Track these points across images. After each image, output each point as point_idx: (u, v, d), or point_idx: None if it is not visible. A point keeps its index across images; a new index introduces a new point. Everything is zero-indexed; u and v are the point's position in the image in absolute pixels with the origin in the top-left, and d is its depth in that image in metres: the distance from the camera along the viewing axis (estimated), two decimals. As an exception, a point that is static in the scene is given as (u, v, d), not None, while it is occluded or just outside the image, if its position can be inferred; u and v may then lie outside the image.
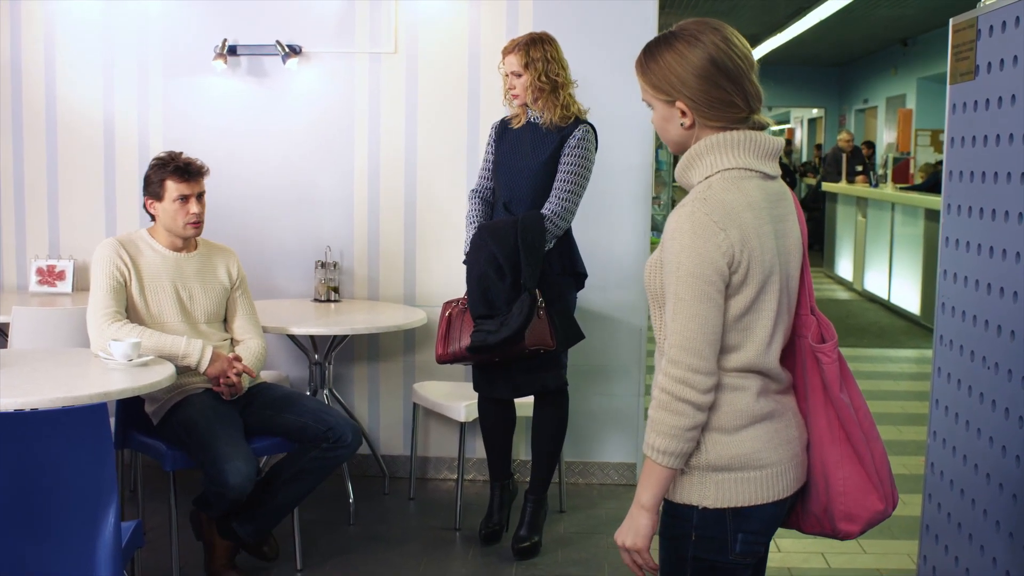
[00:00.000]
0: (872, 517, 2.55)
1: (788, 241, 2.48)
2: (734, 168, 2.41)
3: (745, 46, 2.44)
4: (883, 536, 5.20)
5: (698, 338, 2.34)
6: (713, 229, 2.33)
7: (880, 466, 2.56)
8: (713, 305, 2.34)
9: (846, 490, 2.53)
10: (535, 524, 4.90)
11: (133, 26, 5.86)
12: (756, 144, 2.44)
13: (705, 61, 2.39)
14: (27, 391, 3.70)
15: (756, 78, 2.45)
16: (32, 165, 5.96)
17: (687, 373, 2.35)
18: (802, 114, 27.15)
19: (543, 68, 4.68)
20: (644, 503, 2.42)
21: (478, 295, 4.70)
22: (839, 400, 2.52)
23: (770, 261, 2.40)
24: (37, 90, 5.93)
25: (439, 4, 5.72)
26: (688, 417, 2.35)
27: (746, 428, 2.44)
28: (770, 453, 2.46)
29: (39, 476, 3.18)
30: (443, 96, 5.75)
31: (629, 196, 5.67)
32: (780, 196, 2.49)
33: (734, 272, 2.35)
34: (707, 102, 2.41)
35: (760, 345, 2.43)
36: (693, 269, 2.33)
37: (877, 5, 14.16)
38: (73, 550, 3.17)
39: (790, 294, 2.50)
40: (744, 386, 2.44)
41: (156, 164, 4.51)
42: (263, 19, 5.77)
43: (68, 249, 5.94)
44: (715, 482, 2.43)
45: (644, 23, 5.62)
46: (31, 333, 4.81)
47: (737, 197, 2.38)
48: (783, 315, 2.47)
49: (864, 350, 10.07)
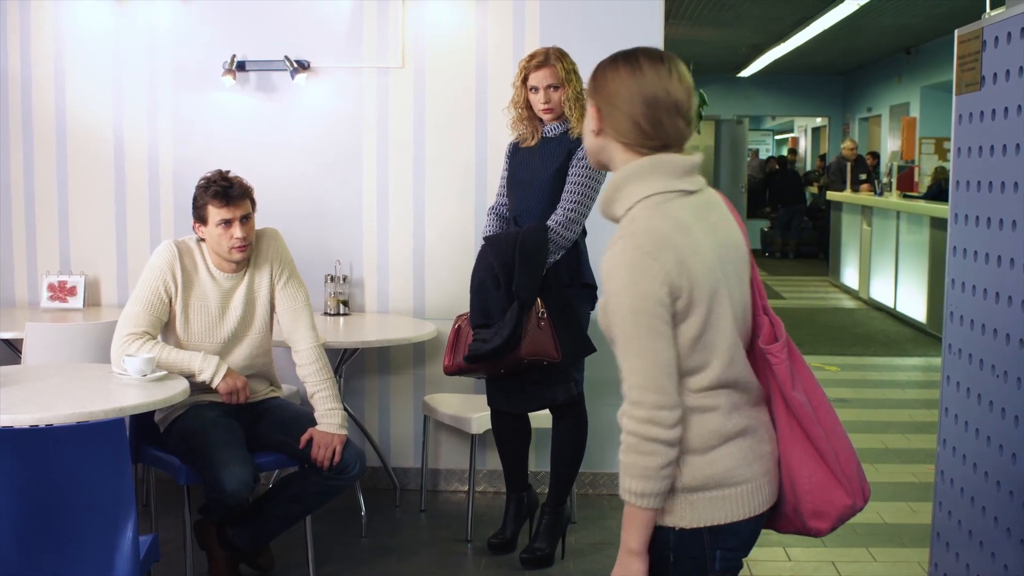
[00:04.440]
0: (841, 513, 2.55)
1: (729, 249, 2.49)
2: (653, 194, 2.43)
3: (684, 90, 2.47)
4: (893, 544, 5.22)
5: (655, 374, 2.34)
6: (647, 262, 2.33)
7: (844, 462, 2.54)
8: (663, 338, 2.34)
9: (812, 488, 2.52)
10: (549, 536, 4.92)
11: (143, 42, 5.90)
12: (669, 165, 2.45)
13: (634, 90, 2.45)
14: (42, 407, 3.73)
15: (683, 121, 2.47)
16: (42, 181, 5.99)
17: (651, 412, 2.34)
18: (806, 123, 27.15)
19: (576, 79, 4.69)
20: (633, 548, 2.41)
21: (477, 305, 4.73)
22: (793, 399, 2.51)
23: (714, 275, 2.41)
24: (47, 106, 5.96)
25: (446, 19, 5.76)
26: (660, 456, 2.34)
27: (719, 447, 2.44)
28: (744, 470, 2.46)
29: (57, 491, 3.21)
30: (451, 110, 5.79)
31: (636, 207, 5.69)
32: (709, 206, 2.51)
33: (677, 298, 2.35)
34: (620, 123, 2.46)
35: (725, 359, 2.43)
36: (635, 306, 2.33)
37: (881, 14, 14.19)
38: (92, 564, 3.20)
39: (743, 300, 2.51)
40: (713, 406, 2.43)
41: (200, 186, 4.42)
42: (271, 35, 5.81)
43: (79, 264, 5.98)
44: (691, 503, 2.43)
45: (649, 35, 5.64)
46: (44, 349, 4.84)
47: (663, 222, 2.39)
48: (740, 323, 2.49)
49: (871, 359, 10.09)
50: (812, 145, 26.60)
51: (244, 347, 4.52)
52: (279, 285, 4.54)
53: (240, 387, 4.39)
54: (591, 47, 5.54)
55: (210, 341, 4.45)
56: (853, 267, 14.33)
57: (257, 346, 4.56)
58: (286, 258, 4.58)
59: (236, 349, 4.50)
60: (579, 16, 5.67)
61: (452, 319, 5.05)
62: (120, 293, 5.95)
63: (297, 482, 4.46)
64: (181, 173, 5.87)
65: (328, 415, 4.42)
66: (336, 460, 4.34)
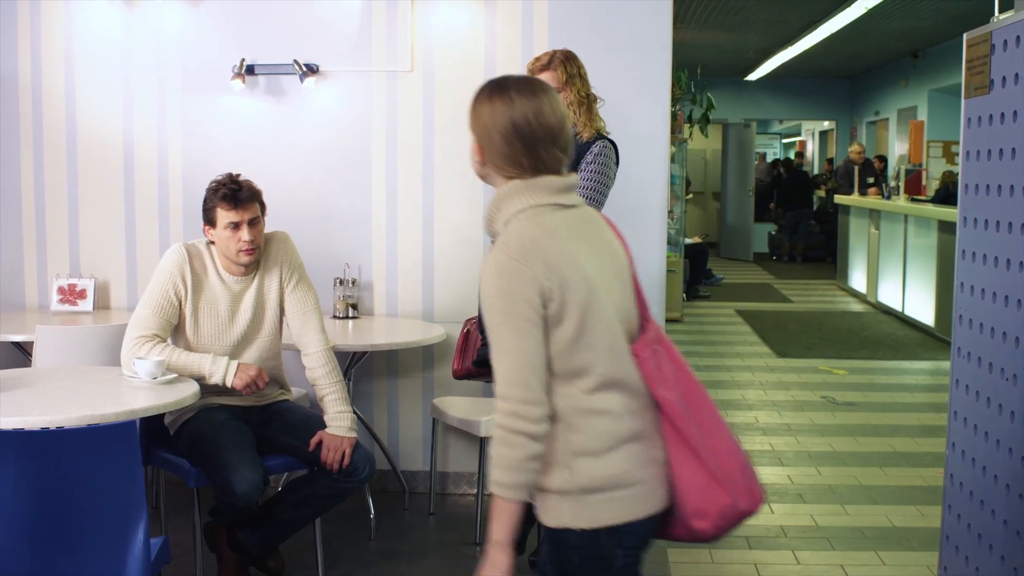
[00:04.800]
0: (722, 511, 2.58)
1: (607, 257, 2.63)
2: (528, 207, 2.56)
3: (557, 119, 2.60)
4: (902, 548, 5.22)
5: (522, 371, 2.46)
6: (517, 268, 2.46)
7: (724, 460, 2.60)
8: (530, 338, 2.46)
9: (691, 488, 2.58)
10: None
11: (152, 46, 5.92)
12: (544, 183, 2.58)
13: (508, 122, 2.57)
14: (53, 409, 3.75)
15: (559, 150, 2.61)
16: (52, 184, 6.01)
17: (517, 406, 2.45)
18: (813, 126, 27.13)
19: (580, 83, 4.70)
20: (498, 540, 2.51)
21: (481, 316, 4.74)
22: (661, 397, 2.59)
23: (589, 280, 2.52)
24: (57, 110, 5.98)
25: (455, 22, 5.77)
26: (524, 448, 2.45)
27: (614, 450, 2.53)
28: (639, 471, 2.55)
29: (68, 493, 3.22)
30: (460, 113, 5.74)
31: (645, 211, 5.70)
32: (585, 219, 2.65)
33: (549, 301, 2.47)
34: (498, 154, 2.60)
35: (608, 359, 2.54)
36: (504, 307, 2.47)
37: (888, 17, 14.18)
38: (104, 566, 3.21)
39: (626, 306, 2.64)
40: (606, 409, 2.53)
41: (210, 188, 4.43)
42: (280, 38, 5.83)
43: (89, 268, 5.99)
44: (588, 504, 2.52)
45: (658, 40, 5.66)
46: (54, 352, 4.85)
47: (536, 231, 2.52)
48: (620, 327, 2.59)
49: (878, 362, 10.09)
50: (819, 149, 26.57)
51: (254, 350, 4.53)
52: (289, 288, 4.55)
53: (254, 375, 4.38)
54: (600, 50, 5.59)
55: (220, 344, 4.46)
56: (861, 271, 14.32)
57: (266, 349, 4.57)
58: (295, 261, 4.59)
59: (246, 352, 4.51)
60: (588, 20, 5.68)
61: (461, 322, 5.06)
62: (129, 296, 5.97)
63: (306, 485, 4.47)
64: (190, 177, 5.88)
65: (337, 418, 4.43)
66: (345, 463, 4.35)
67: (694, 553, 5.13)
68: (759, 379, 9.28)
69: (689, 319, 12.57)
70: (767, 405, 8.30)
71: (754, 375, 9.46)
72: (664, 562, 5.02)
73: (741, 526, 2.67)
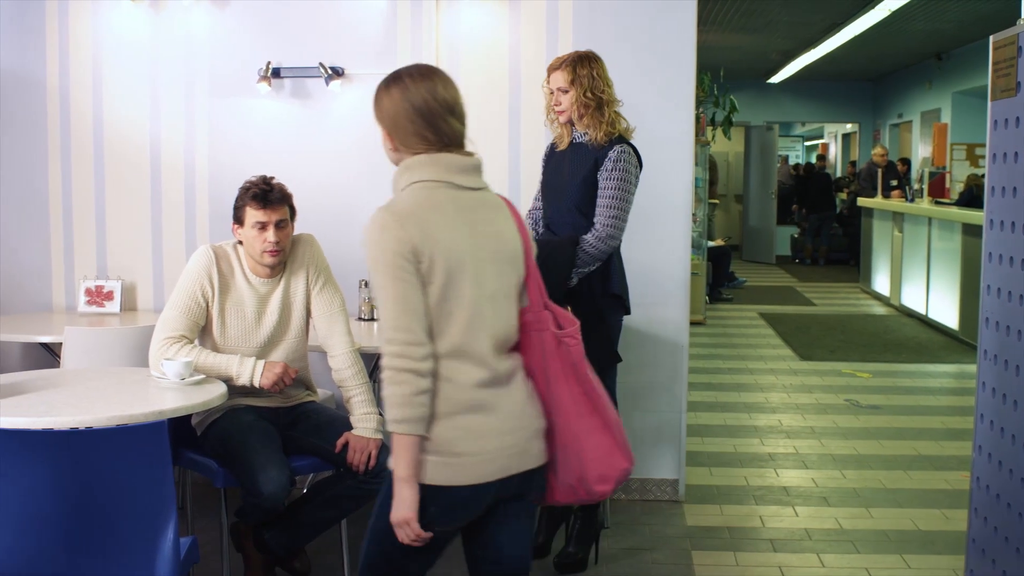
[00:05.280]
0: (620, 475, 2.96)
1: (491, 242, 2.86)
2: (424, 180, 2.84)
3: (449, 95, 2.89)
4: (927, 551, 5.21)
5: (403, 315, 2.73)
6: (393, 226, 2.74)
7: (619, 430, 2.98)
8: (408, 285, 2.74)
9: (600, 456, 2.91)
10: (581, 540, 4.93)
11: (179, 50, 5.96)
12: (444, 160, 2.86)
13: (407, 103, 2.86)
14: (83, 410, 3.78)
15: (457, 121, 2.91)
16: (80, 187, 6.05)
17: (401, 347, 2.72)
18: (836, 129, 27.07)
19: (588, 84, 4.71)
20: (400, 475, 2.78)
21: None
22: (586, 376, 2.93)
23: (461, 256, 2.78)
24: (85, 113, 6.03)
25: (479, 25, 5.79)
26: (411, 384, 2.72)
27: (455, 416, 2.79)
28: (472, 443, 2.80)
29: (98, 493, 3.24)
30: (484, 116, 5.81)
31: (669, 214, 5.71)
32: (479, 203, 2.90)
33: (420, 262, 2.74)
34: (405, 134, 2.88)
35: (462, 328, 2.78)
36: (381, 258, 2.74)
37: (912, 19, 14.14)
38: (133, 566, 3.23)
39: (500, 289, 2.87)
40: (455, 377, 2.79)
41: (242, 188, 4.47)
42: (306, 42, 5.86)
43: (116, 270, 6.03)
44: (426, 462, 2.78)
45: (683, 41, 5.67)
46: (83, 353, 4.89)
47: (422, 202, 2.81)
48: (487, 305, 2.83)
49: (902, 365, 10.06)
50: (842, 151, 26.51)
51: (280, 352, 4.55)
52: (315, 290, 4.57)
53: (280, 372, 4.39)
54: (625, 53, 5.61)
55: (246, 345, 4.48)
56: (884, 273, 14.27)
57: (293, 351, 4.59)
58: (322, 263, 4.61)
59: (272, 354, 4.53)
60: (612, 22, 5.69)
61: None
62: (156, 298, 6.01)
63: (333, 486, 4.49)
64: (216, 179, 5.92)
65: (364, 419, 4.45)
66: (371, 464, 4.36)
67: (718, 556, 5.14)
68: (782, 382, 9.27)
69: (712, 322, 12.55)
70: (791, 408, 8.29)
71: (777, 378, 9.45)
72: (688, 564, 5.02)
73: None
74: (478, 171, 2.93)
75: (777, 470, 6.59)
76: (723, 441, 7.24)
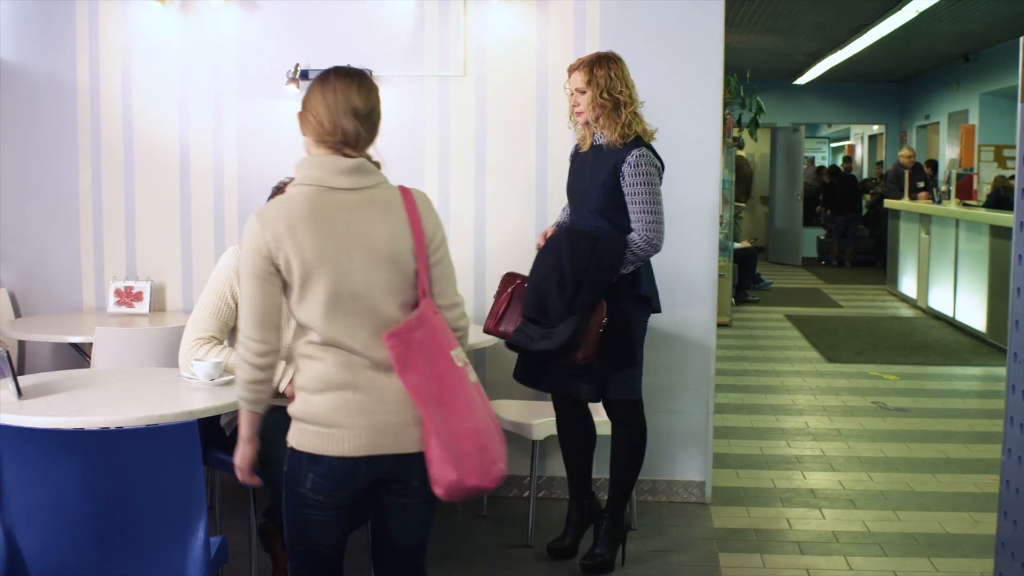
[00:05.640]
0: (450, 485, 3.05)
1: (357, 240, 3.05)
2: (301, 184, 3.08)
3: (361, 98, 3.11)
4: (955, 554, 5.20)
5: (249, 315, 3.07)
6: (256, 229, 3.04)
7: (464, 440, 3.05)
8: (257, 288, 3.05)
9: (432, 459, 3.05)
10: (607, 542, 4.93)
11: (208, 52, 5.99)
12: (327, 163, 3.09)
13: (320, 103, 3.10)
14: (114, 409, 3.81)
15: (360, 123, 3.11)
16: (110, 188, 6.09)
17: (244, 340, 3.09)
18: (862, 130, 26.97)
19: (605, 85, 4.71)
20: (242, 436, 3.20)
21: (534, 297, 4.74)
22: (406, 383, 3.04)
23: (318, 255, 3.01)
24: (115, 115, 6.07)
25: (507, 27, 5.80)
26: (247, 372, 3.11)
27: (323, 392, 3.07)
28: (340, 417, 3.06)
29: (129, 492, 3.27)
30: (512, 118, 5.83)
31: (696, 215, 5.70)
32: (361, 203, 3.09)
33: (277, 263, 3.02)
34: (306, 124, 3.15)
35: (322, 324, 3.03)
36: (244, 257, 3.06)
37: (939, 20, 14.08)
38: (164, 565, 3.26)
39: (363, 286, 3.05)
40: (321, 357, 3.07)
41: (275, 188, 4.52)
42: (334, 43, 5.88)
43: (145, 271, 6.07)
44: (299, 429, 3.12)
45: (710, 44, 5.67)
46: (113, 353, 4.92)
47: (294, 205, 3.04)
48: (349, 302, 3.04)
49: (929, 368, 10.02)
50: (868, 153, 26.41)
51: None
52: None
53: None
54: (652, 54, 5.61)
55: None
56: (911, 276, 14.21)
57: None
58: None
59: None
60: (640, 23, 5.69)
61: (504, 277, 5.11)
62: (185, 299, 6.04)
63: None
64: (245, 180, 5.96)
65: None
66: None
67: (745, 558, 5.14)
68: (809, 384, 9.25)
69: (738, 324, 12.53)
70: (817, 410, 8.27)
71: (804, 380, 9.42)
72: (715, 566, 5.02)
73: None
74: (360, 172, 3.11)
75: (804, 472, 6.58)
76: (750, 443, 7.23)
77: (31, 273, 6.17)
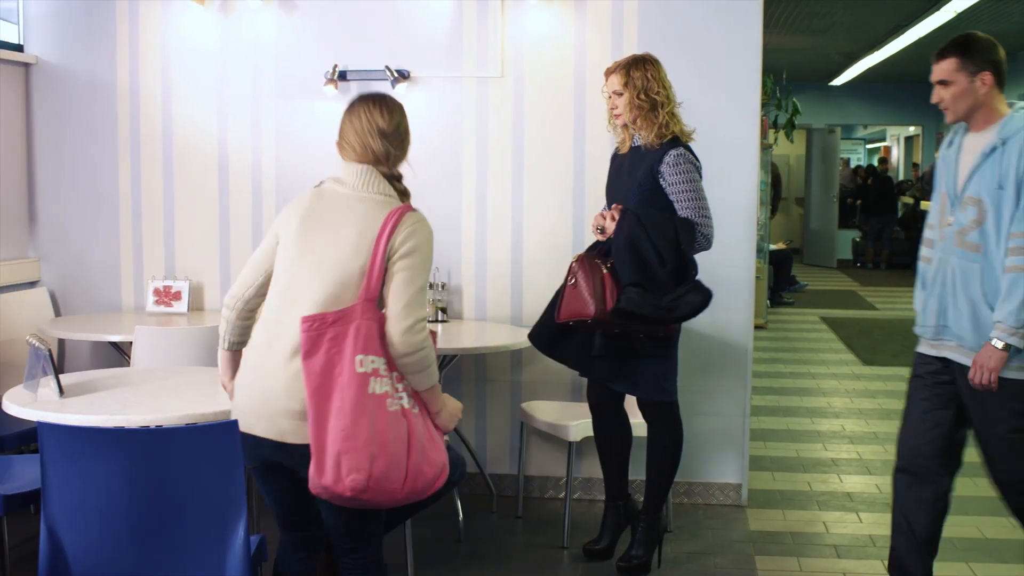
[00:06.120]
0: (311, 479, 3.19)
1: (320, 237, 3.34)
2: (323, 181, 3.50)
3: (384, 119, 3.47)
4: (994, 560, 5.17)
5: (242, 274, 3.52)
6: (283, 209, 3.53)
7: (323, 437, 3.16)
8: (257, 253, 3.51)
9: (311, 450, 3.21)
10: (644, 544, 4.92)
11: (247, 53, 6.03)
12: (341, 170, 3.47)
13: (349, 129, 3.48)
14: (154, 408, 3.84)
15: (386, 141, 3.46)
16: (149, 189, 6.14)
17: (230, 290, 3.56)
18: (899, 132, 26.80)
19: (642, 86, 4.70)
20: (220, 374, 3.65)
21: (631, 263, 4.56)
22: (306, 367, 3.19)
23: (289, 239, 3.37)
24: (154, 116, 6.11)
25: (545, 28, 5.80)
26: (224, 318, 3.57)
27: (247, 363, 3.40)
28: (239, 391, 3.40)
29: (170, 491, 3.28)
30: (549, 119, 5.83)
31: (734, 216, 5.68)
32: (331, 207, 3.40)
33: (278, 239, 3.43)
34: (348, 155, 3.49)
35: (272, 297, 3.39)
36: None
37: (977, 21, 13.99)
38: (205, 563, 3.27)
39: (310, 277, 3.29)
40: (256, 330, 3.43)
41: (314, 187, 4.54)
42: (372, 44, 5.90)
43: (183, 271, 6.11)
44: None
45: (748, 45, 5.65)
46: (152, 352, 4.95)
47: (304, 195, 3.48)
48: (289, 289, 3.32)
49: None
50: (905, 154, 26.25)
51: None
52: None
53: None
54: (690, 54, 5.60)
55: None
56: (947, 278, 14.08)
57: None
58: None
59: None
60: (678, 24, 5.68)
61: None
62: (222, 298, 6.03)
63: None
64: (283, 181, 5.99)
65: None
66: None
67: (781, 561, 5.12)
68: (845, 387, 9.21)
69: (773, 326, 12.49)
70: (854, 413, 8.23)
71: (840, 383, 9.38)
72: (752, 568, 5.01)
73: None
74: (363, 175, 3.42)
75: (840, 475, 6.55)
76: (786, 446, 7.21)
77: (71, 272, 6.22)
